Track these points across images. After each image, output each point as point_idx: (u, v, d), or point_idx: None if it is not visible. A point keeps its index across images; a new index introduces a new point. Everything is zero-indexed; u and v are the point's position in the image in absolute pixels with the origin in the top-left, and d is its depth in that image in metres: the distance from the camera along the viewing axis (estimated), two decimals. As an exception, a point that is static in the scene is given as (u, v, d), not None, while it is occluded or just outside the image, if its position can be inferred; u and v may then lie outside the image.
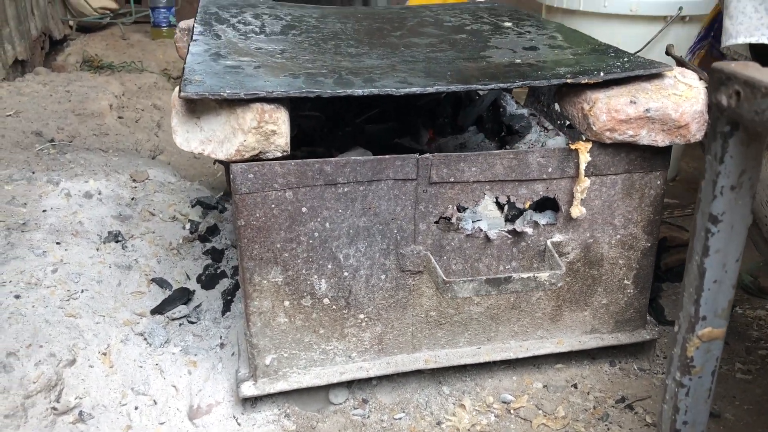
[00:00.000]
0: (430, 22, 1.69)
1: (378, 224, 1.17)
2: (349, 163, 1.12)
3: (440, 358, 1.29)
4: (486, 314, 1.29)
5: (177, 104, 1.09)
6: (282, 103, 1.08)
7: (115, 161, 2.08)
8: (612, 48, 1.38)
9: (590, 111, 1.16)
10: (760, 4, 1.28)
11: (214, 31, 1.44)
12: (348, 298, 1.21)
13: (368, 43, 1.43)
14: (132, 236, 1.67)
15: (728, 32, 1.33)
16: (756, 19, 1.29)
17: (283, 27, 1.54)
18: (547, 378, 1.37)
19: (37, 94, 2.59)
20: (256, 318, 1.18)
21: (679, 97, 1.16)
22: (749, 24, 1.29)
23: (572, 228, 1.25)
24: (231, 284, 1.53)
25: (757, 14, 1.29)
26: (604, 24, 2.06)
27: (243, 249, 1.13)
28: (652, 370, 1.40)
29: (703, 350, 0.70)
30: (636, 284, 1.33)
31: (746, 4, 1.29)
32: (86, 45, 3.51)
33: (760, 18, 1.28)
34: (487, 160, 1.17)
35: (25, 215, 1.65)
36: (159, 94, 2.95)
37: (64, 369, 1.25)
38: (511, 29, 1.58)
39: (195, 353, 1.35)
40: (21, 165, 1.95)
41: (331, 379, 1.24)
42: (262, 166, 1.09)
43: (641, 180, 1.24)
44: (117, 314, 1.42)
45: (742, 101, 0.58)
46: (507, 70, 1.22)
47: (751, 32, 1.30)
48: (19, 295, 1.36)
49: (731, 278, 0.67)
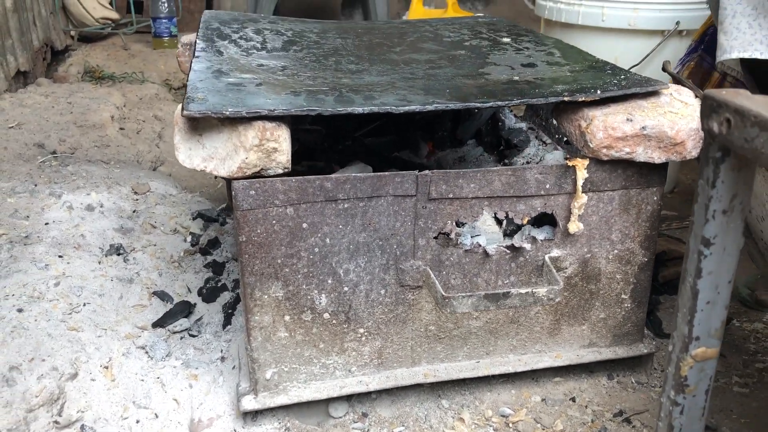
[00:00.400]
0: (429, 37, 1.70)
1: (378, 240, 1.19)
2: (349, 179, 1.13)
3: (439, 372, 1.30)
4: (485, 328, 1.30)
5: (180, 122, 1.10)
6: (283, 120, 1.10)
7: (116, 173, 2.10)
8: (609, 65, 1.40)
9: (587, 128, 1.17)
10: (754, 19, 1.30)
11: (216, 47, 1.46)
12: (348, 313, 1.22)
13: (368, 59, 1.45)
14: (133, 249, 1.69)
15: (723, 47, 1.34)
16: (750, 34, 1.31)
17: (284, 43, 1.56)
18: (545, 391, 1.38)
19: (39, 106, 2.61)
20: (257, 332, 1.19)
21: (675, 115, 1.18)
22: (743, 39, 1.31)
23: (570, 243, 1.26)
24: (232, 297, 1.54)
25: (751, 30, 1.31)
26: (603, 38, 2.09)
27: (244, 264, 1.15)
28: (650, 384, 1.41)
29: (697, 369, 0.71)
30: (633, 299, 1.34)
31: (741, 20, 1.31)
32: (88, 55, 3.54)
33: (753, 34, 1.30)
34: (486, 177, 1.18)
35: (27, 228, 1.67)
36: (160, 105, 2.97)
37: (66, 383, 1.26)
38: (509, 45, 1.59)
39: (196, 366, 1.36)
40: (23, 177, 1.96)
41: (331, 393, 1.25)
42: (264, 183, 1.10)
43: (638, 196, 1.25)
44: (119, 327, 1.43)
45: (733, 129, 0.59)
46: (505, 87, 1.23)
47: (745, 47, 1.31)
48: (22, 309, 1.37)
49: (724, 299, 0.69)
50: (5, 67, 2.79)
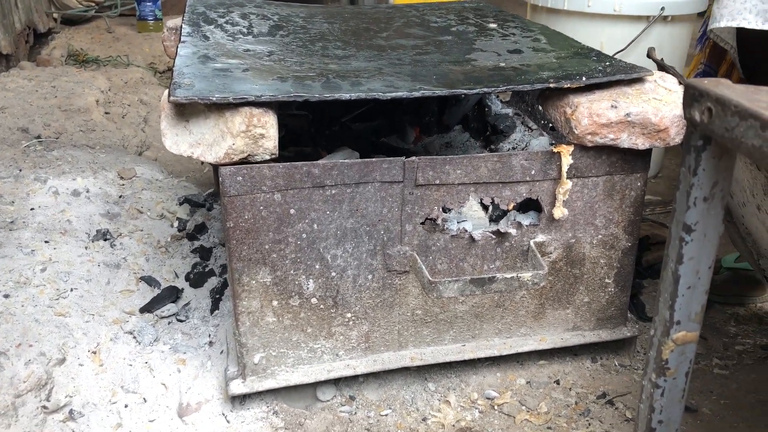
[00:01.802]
0: (416, 22, 1.70)
1: (365, 225, 1.19)
2: (336, 165, 1.14)
3: (426, 356, 1.31)
4: (471, 312, 1.31)
5: (166, 108, 1.10)
6: (270, 107, 1.10)
7: (102, 158, 2.09)
8: (594, 51, 1.40)
9: (572, 115, 1.18)
10: None
11: (202, 32, 1.45)
12: (335, 298, 1.23)
13: (355, 45, 1.45)
14: (120, 234, 1.68)
15: (714, 16, 1.33)
16: (739, 3, 1.28)
17: (270, 27, 1.56)
18: (530, 374, 1.40)
19: (22, 90, 2.58)
20: (245, 317, 1.20)
21: (659, 102, 1.19)
22: (732, 8, 1.29)
23: (555, 228, 1.28)
24: (219, 283, 1.55)
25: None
26: (589, 23, 2.09)
27: (232, 250, 1.15)
28: (633, 366, 1.44)
29: (678, 353, 0.73)
30: (617, 283, 1.36)
31: None
32: (71, 39, 3.49)
33: (743, 2, 1.28)
34: (472, 163, 1.19)
35: (12, 214, 1.66)
36: (145, 89, 2.95)
37: (54, 368, 1.27)
38: (495, 31, 1.60)
39: (184, 351, 1.37)
40: (8, 162, 1.95)
41: (318, 376, 1.26)
42: (251, 169, 1.11)
43: (622, 182, 1.27)
44: (106, 313, 1.43)
45: (714, 118, 0.60)
46: (492, 74, 1.24)
47: (733, 16, 1.29)
48: (8, 295, 1.37)
49: (704, 284, 0.70)
50: (-13, 50, 2.75)
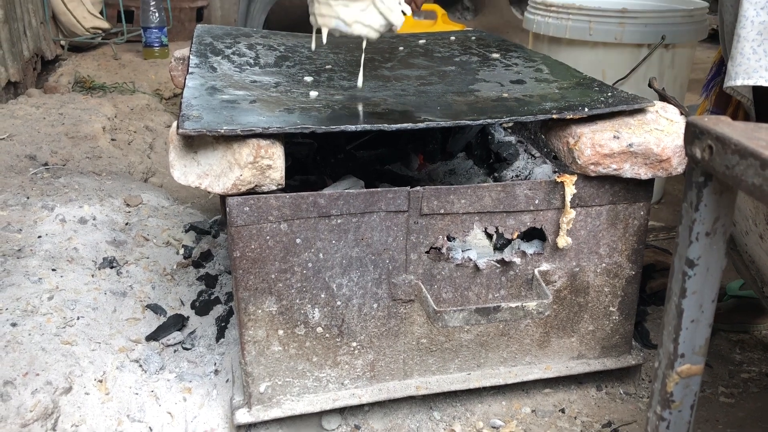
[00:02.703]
0: (420, 52, 1.73)
1: (370, 254, 1.20)
2: (342, 195, 1.15)
3: (431, 385, 1.32)
4: (476, 341, 1.32)
5: (175, 139, 1.12)
6: (277, 138, 1.11)
7: (108, 185, 2.10)
8: (596, 82, 1.42)
9: (575, 145, 1.20)
10: (759, 45, 1.28)
11: (209, 63, 1.47)
12: (341, 327, 1.24)
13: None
14: (126, 262, 1.69)
15: (729, 74, 1.30)
16: (754, 60, 1.28)
17: (277, 58, 1.58)
18: (535, 403, 1.40)
19: (30, 117, 2.61)
20: (251, 347, 1.20)
21: (660, 132, 1.21)
22: (747, 66, 1.28)
23: (559, 257, 1.29)
24: (225, 311, 1.55)
25: (756, 56, 1.28)
26: (590, 51, 2.12)
27: (238, 280, 1.16)
28: (638, 394, 1.43)
29: (683, 386, 0.73)
30: (621, 311, 1.37)
31: (744, 45, 1.29)
32: (78, 65, 3.54)
33: (758, 60, 1.28)
34: (476, 193, 1.20)
35: (20, 241, 1.67)
36: (151, 115, 2.98)
37: (61, 397, 1.27)
38: (498, 61, 1.62)
39: (190, 380, 1.37)
40: (16, 190, 1.97)
41: (324, 406, 1.26)
42: (258, 200, 1.12)
43: (625, 211, 1.28)
44: (112, 341, 1.44)
45: (715, 155, 0.62)
46: (495, 105, 1.26)
47: (749, 74, 1.29)
48: (16, 323, 1.38)
49: (708, 318, 0.71)
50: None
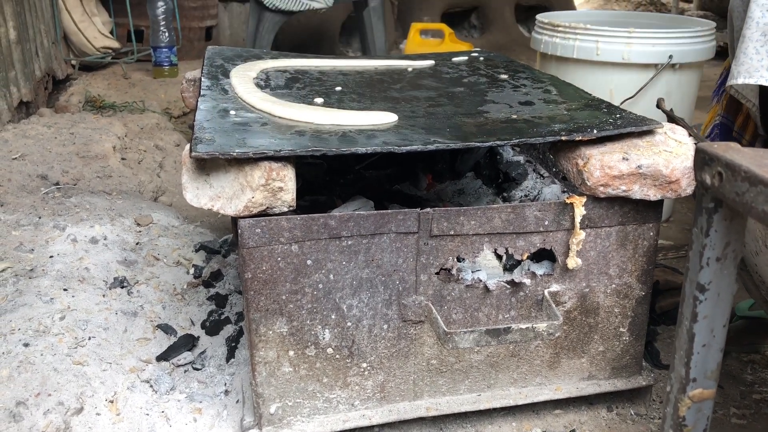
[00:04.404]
0: (428, 73, 1.74)
1: (380, 276, 1.21)
2: (352, 217, 1.16)
3: (441, 406, 1.31)
4: (486, 362, 1.32)
5: (187, 162, 1.13)
6: (289, 160, 1.13)
7: (119, 204, 2.12)
8: (605, 103, 1.43)
9: (584, 167, 1.20)
10: (762, 45, 1.29)
11: (221, 85, 1.49)
12: (351, 348, 1.24)
13: (370, 97, 1.49)
14: (137, 282, 1.70)
15: (732, 73, 1.32)
16: (756, 60, 1.29)
17: (287, 80, 1.60)
18: (546, 424, 1.39)
19: (42, 137, 2.64)
20: (262, 367, 1.21)
21: (669, 154, 1.21)
22: (749, 65, 1.30)
23: (569, 278, 1.29)
24: (235, 331, 1.56)
25: (758, 56, 1.29)
26: (598, 71, 2.13)
27: (249, 301, 1.17)
28: (649, 415, 1.43)
29: (695, 410, 0.73)
30: (631, 332, 1.36)
31: (748, 45, 1.30)
32: (89, 85, 3.57)
33: (760, 60, 1.29)
34: (486, 214, 1.21)
35: (32, 261, 1.69)
36: (161, 134, 3.00)
37: (72, 417, 1.27)
38: (507, 82, 1.63)
39: (200, 400, 1.38)
40: (27, 210, 1.98)
41: (334, 427, 1.26)
42: (269, 221, 1.13)
43: (635, 232, 1.28)
44: (123, 361, 1.44)
45: (725, 182, 0.62)
46: (504, 126, 1.27)
47: (750, 73, 1.30)
48: (28, 343, 1.39)
49: (719, 342, 0.71)
50: (8, 98, 2.82)
